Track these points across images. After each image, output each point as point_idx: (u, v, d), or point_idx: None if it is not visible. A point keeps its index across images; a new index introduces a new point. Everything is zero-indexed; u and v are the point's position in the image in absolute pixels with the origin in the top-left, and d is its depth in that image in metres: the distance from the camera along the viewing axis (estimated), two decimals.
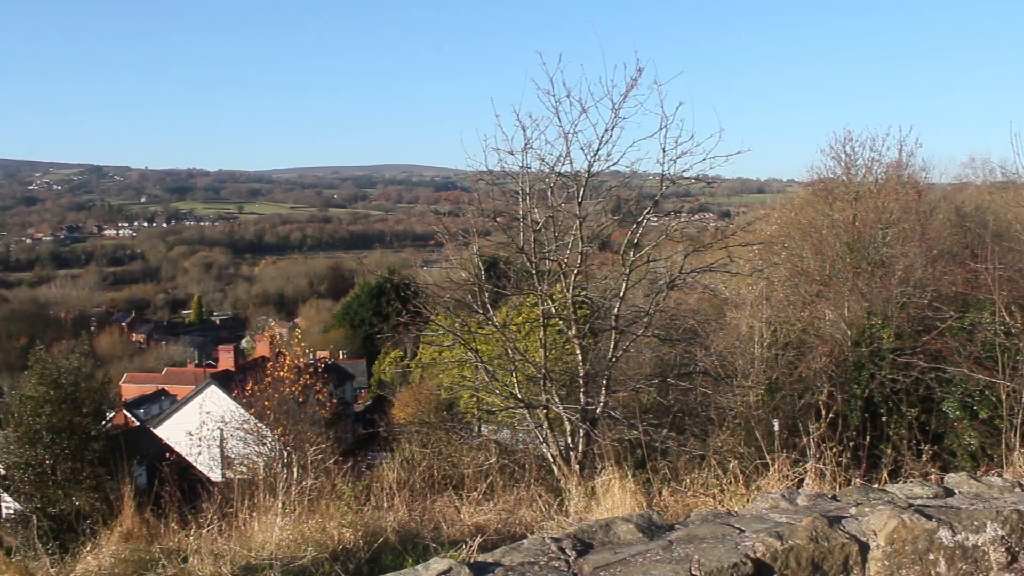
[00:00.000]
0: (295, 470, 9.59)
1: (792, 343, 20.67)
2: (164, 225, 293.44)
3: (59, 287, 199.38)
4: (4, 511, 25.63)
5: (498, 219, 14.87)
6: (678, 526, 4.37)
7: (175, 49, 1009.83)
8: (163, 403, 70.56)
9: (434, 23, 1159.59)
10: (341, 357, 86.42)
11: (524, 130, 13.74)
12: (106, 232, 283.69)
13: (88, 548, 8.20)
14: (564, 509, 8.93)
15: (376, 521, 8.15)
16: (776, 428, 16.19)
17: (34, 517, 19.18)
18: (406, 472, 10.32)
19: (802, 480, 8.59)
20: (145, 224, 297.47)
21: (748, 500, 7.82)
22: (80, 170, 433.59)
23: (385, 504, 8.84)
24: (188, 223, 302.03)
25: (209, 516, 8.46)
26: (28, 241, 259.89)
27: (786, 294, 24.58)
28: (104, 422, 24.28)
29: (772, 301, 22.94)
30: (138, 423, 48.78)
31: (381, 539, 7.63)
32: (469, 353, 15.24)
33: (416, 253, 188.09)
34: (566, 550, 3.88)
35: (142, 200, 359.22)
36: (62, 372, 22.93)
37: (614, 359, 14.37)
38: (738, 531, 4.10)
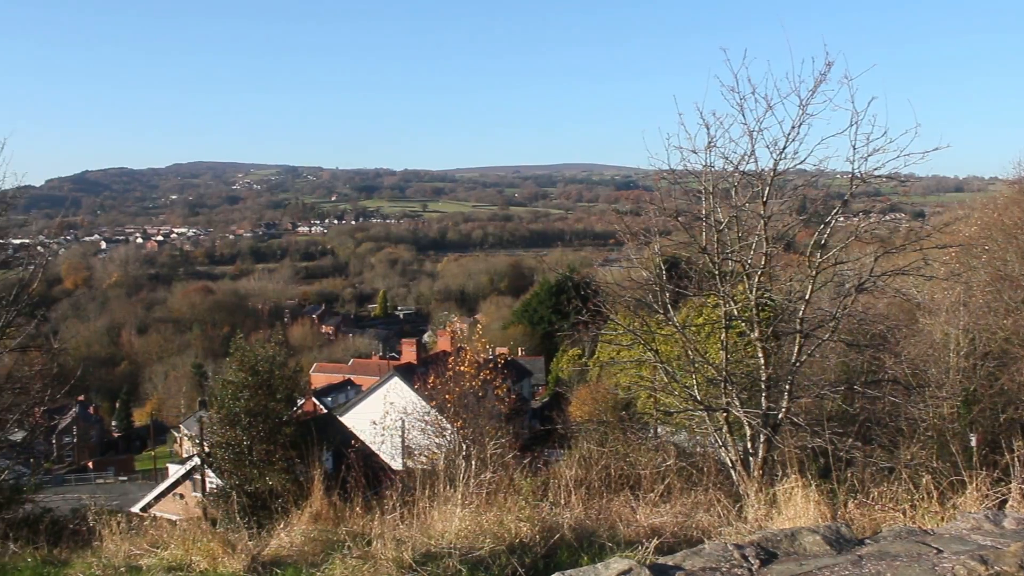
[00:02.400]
0: (474, 463, 9.77)
1: (993, 353, 19.37)
2: (353, 222, 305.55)
3: (257, 280, 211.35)
4: (208, 486, 27.37)
5: (679, 218, 14.64)
6: (868, 541, 4.18)
7: (364, 57, 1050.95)
8: (349, 392, 73.30)
9: (619, 21, 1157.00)
10: (520, 354, 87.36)
11: (707, 128, 13.49)
12: (300, 229, 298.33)
13: (281, 525, 8.64)
14: (743, 515, 8.71)
15: (553, 517, 8.19)
16: (974, 443, 15.23)
17: (234, 493, 20.42)
18: (583, 470, 10.33)
19: (1004, 501, 8.02)
20: (335, 221, 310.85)
21: (943, 519, 7.38)
22: (277, 171, 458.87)
23: (562, 501, 8.87)
24: (375, 220, 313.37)
25: (392, 503, 8.73)
26: (231, 237, 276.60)
27: (987, 300, 23.05)
28: (295, 408, 25.52)
29: (970, 307, 21.57)
30: (326, 410, 50.98)
31: (557, 535, 7.66)
32: (648, 353, 15.09)
33: (596, 252, 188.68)
34: (749, 558, 3.77)
35: (333, 198, 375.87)
36: (259, 360, 24.23)
37: (798, 363, 13.88)
38: (935, 551, 3.87)
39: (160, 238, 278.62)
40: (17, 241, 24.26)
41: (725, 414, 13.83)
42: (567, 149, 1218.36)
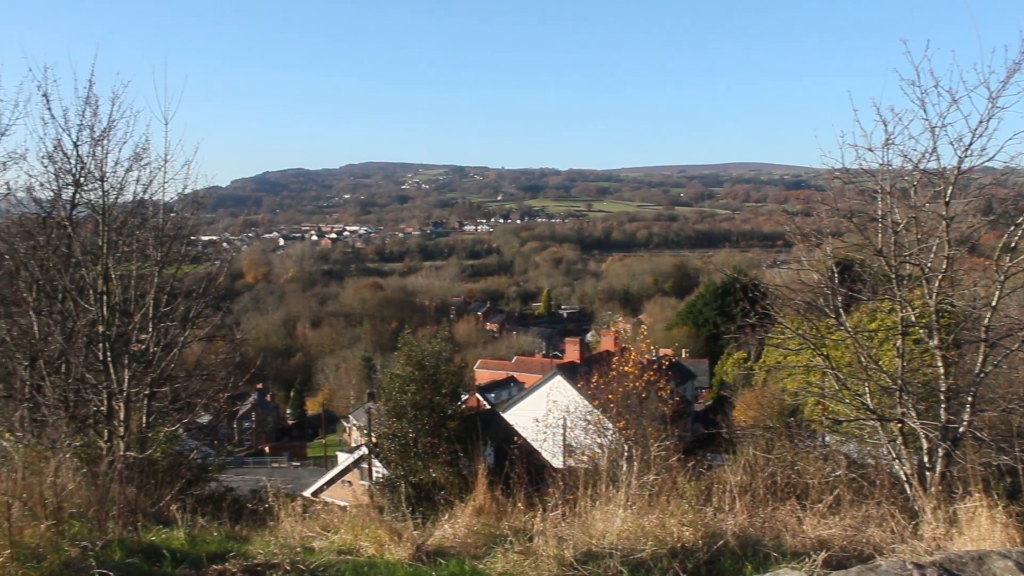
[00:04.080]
0: (637, 464, 9.71)
1: None
2: (518, 221, 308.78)
3: (424, 277, 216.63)
4: (374, 475, 28.30)
5: (853, 219, 14.06)
6: None
7: (528, 56, 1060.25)
8: (512, 389, 74.10)
9: (790, 20, 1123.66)
10: (684, 355, 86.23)
11: (884, 125, 12.87)
12: (466, 227, 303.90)
13: (445, 517, 8.83)
14: (918, 533, 8.29)
15: (716, 523, 8.05)
16: None
17: (402, 483, 21.05)
18: (748, 476, 10.06)
19: None
20: (501, 220, 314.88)
21: None
22: (445, 171, 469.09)
23: (726, 507, 8.69)
24: (540, 220, 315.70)
25: (554, 500, 8.78)
26: (400, 235, 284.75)
27: None
28: (459, 403, 26.06)
29: None
30: (489, 406, 51.72)
31: (721, 542, 7.52)
32: (818, 358, 14.58)
33: (763, 253, 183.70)
34: None
35: (499, 198, 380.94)
36: (425, 355, 24.89)
37: (982, 374, 13.08)
38: None
39: (333, 236, 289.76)
40: (206, 238, 25.78)
41: (900, 425, 13.20)
42: (734, 148, 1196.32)
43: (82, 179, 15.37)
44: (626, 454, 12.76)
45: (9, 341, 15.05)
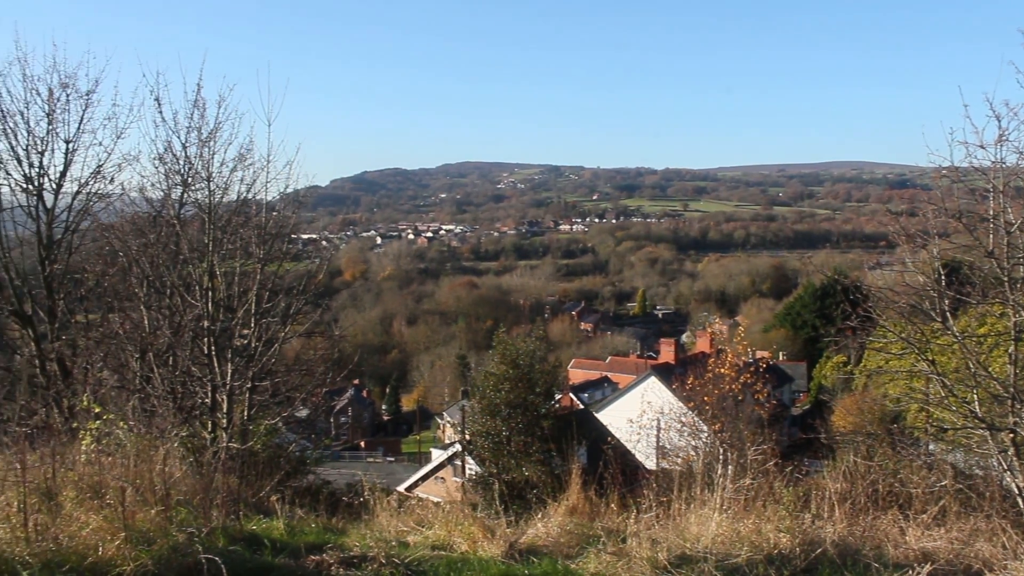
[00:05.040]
0: (732, 467, 9.56)
1: None
2: (613, 221, 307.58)
3: (519, 276, 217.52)
4: (467, 472, 28.55)
5: (962, 219, 13.55)
6: None
7: (624, 55, 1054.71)
8: (605, 389, 73.92)
9: (891, 19, 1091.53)
10: (781, 358, 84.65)
11: (998, 120, 12.31)
12: (561, 227, 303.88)
13: (539, 516, 8.84)
14: None
15: (815, 531, 7.86)
16: None
17: (496, 480, 21.19)
18: (848, 484, 9.81)
19: None
20: (596, 220, 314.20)
21: None
22: (540, 170, 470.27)
23: (825, 514, 8.48)
24: (635, 219, 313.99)
25: (648, 502, 8.71)
26: (495, 234, 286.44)
27: None
28: (553, 402, 26.10)
29: None
30: (582, 406, 51.66)
31: (819, 550, 7.34)
32: (923, 363, 14.11)
33: (865, 254, 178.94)
34: None
35: (594, 197, 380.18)
36: (520, 354, 25.00)
37: None
38: None
39: (430, 234, 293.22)
40: (306, 236, 26.39)
41: (1012, 435, 12.68)
42: (835, 146, 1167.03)
43: (190, 179, 15.92)
44: (721, 457, 12.57)
45: (122, 334, 15.68)
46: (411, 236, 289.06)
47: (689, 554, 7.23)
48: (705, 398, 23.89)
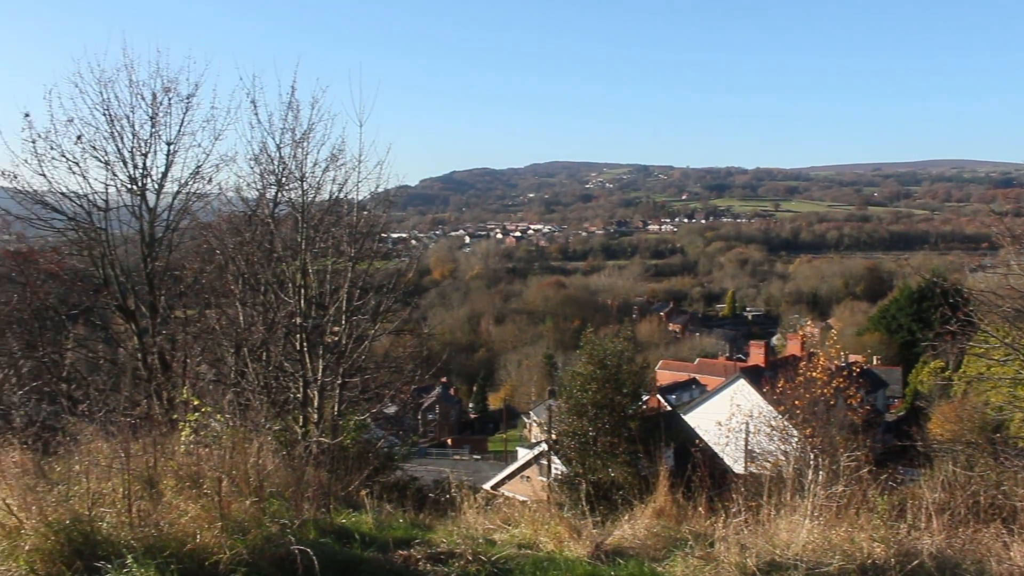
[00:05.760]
0: (824, 473, 9.36)
1: None
2: (703, 221, 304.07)
3: (607, 276, 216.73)
4: (553, 471, 28.56)
5: None
6: None
7: (713, 55, 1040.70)
8: (693, 391, 73.09)
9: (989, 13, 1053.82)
10: (875, 362, 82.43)
11: None
12: (650, 227, 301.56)
13: (625, 518, 8.79)
14: None
15: (911, 541, 7.62)
16: None
17: (584, 481, 21.15)
18: (946, 494, 9.49)
19: None
20: (685, 220, 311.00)
21: None
22: (629, 169, 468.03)
23: (922, 525, 8.21)
24: (725, 220, 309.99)
25: (736, 506, 8.58)
26: (583, 234, 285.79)
27: None
28: (640, 403, 25.91)
29: None
30: (669, 408, 51.18)
31: (916, 562, 7.13)
32: None
33: (966, 256, 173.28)
34: None
35: (683, 197, 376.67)
36: (607, 354, 24.88)
37: None
38: None
39: (518, 234, 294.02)
40: (396, 235, 26.79)
41: None
42: (934, 144, 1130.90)
43: (284, 179, 16.28)
44: (812, 463, 12.30)
45: (218, 329, 16.13)
46: (499, 235, 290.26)
47: (779, 561, 7.10)
48: (796, 402, 23.43)
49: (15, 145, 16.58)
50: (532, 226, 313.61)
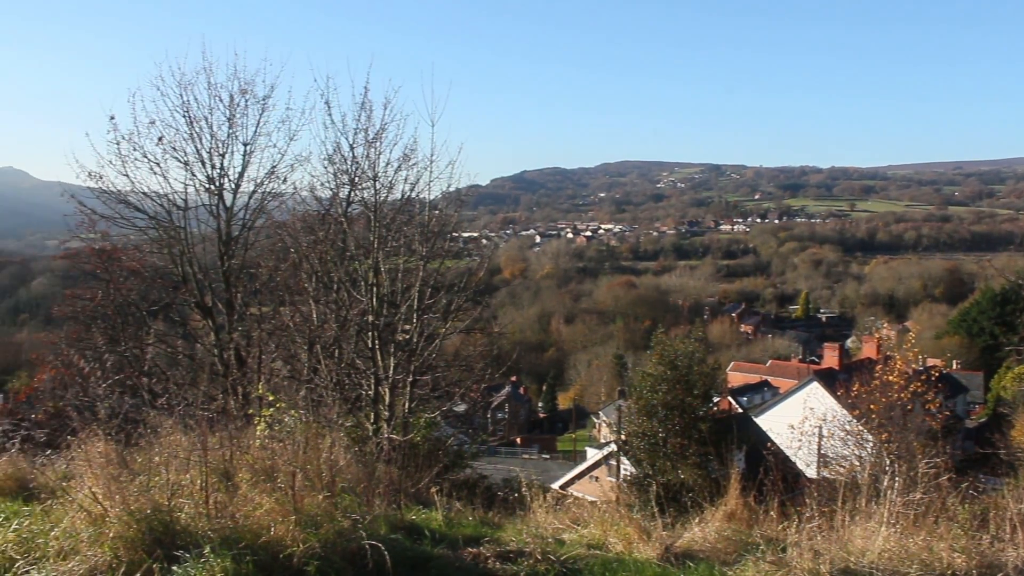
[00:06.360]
0: (901, 480, 9.14)
1: None
2: (776, 221, 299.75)
3: (679, 276, 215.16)
4: (622, 472, 28.41)
5: None
6: None
7: (788, 55, 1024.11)
8: (765, 394, 72.24)
9: None
10: (954, 367, 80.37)
11: None
12: (722, 227, 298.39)
13: (696, 520, 8.70)
14: None
15: (994, 553, 7.38)
16: None
17: (654, 482, 21.00)
18: None
19: None
20: (758, 220, 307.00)
21: None
22: (700, 169, 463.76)
23: (1006, 536, 7.95)
24: (799, 220, 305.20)
25: (809, 511, 8.43)
26: (654, 234, 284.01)
27: None
28: (711, 405, 25.61)
29: None
30: (741, 410, 50.57)
31: (999, 575, 6.92)
32: None
33: None
34: None
35: (756, 197, 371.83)
36: (678, 355, 24.64)
37: None
38: None
39: (588, 233, 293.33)
40: (466, 234, 26.93)
41: None
42: (1018, 141, 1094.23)
43: (357, 179, 16.47)
44: (888, 469, 12.01)
45: (292, 327, 16.41)
46: (570, 235, 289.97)
47: (853, 568, 6.96)
48: (871, 406, 22.92)
49: (101, 147, 17.15)
50: (603, 226, 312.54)
